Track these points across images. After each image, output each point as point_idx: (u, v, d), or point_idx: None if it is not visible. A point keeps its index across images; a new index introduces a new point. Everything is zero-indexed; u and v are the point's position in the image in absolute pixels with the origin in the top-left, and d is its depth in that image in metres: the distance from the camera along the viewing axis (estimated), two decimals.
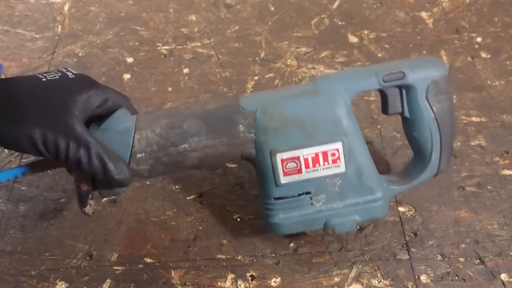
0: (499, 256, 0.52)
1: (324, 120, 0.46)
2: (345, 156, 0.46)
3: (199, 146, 0.46)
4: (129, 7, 0.80)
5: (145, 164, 0.46)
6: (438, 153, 0.49)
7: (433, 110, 0.48)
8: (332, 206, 0.48)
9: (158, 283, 0.51)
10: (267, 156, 0.46)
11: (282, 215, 0.48)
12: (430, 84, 0.48)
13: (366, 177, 0.47)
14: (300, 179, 0.46)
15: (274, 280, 0.51)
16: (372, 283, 0.51)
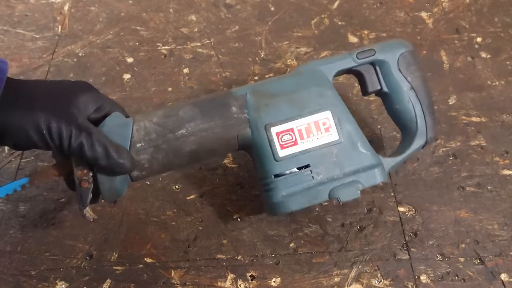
0: (499, 256, 0.52)
1: (310, 93, 0.49)
2: (336, 123, 0.49)
3: (196, 130, 0.48)
4: (129, 7, 0.80)
5: (145, 153, 0.47)
6: (423, 120, 0.52)
7: (408, 80, 0.52)
8: (332, 176, 0.48)
9: (158, 283, 0.51)
10: (262, 131, 0.48)
11: (284, 192, 0.48)
12: (400, 58, 0.52)
13: (360, 144, 0.49)
14: (297, 151, 0.48)
15: (274, 280, 0.51)
16: (372, 283, 0.51)
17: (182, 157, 0.48)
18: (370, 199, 0.57)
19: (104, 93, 0.67)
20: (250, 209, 0.56)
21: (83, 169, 0.46)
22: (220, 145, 0.49)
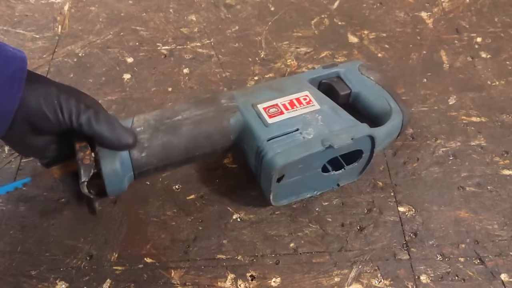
0: (499, 256, 0.52)
1: (289, 82, 0.58)
2: (315, 98, 0.55)
3: (191, 115, 0.53)
4: (129, 7, 0.80)
5: (145, 134, 0.50)
6: (394, 103, 0.58)
7: (371, 78, 0.61)
8: (322, 135, 0.51)
9: (158, 283, 0.51)
10: (251, 109, 0.53)
11: (280, 149, 0.50)
12: (359, 66, 0.62)
13: (340, 112, 0.54)
14: (284, 118, 0.52)
15: (274, 280, 0.51)
16: (372, 283, 0.51)
17: (180, 137, 0.51)
18: (370, 199, 0.57)
19: (104, 93, 0.68)
20: (250, 209, 0.56)
21: (86, 150, 0.47)
22: (214, 128, 0.52)
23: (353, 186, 0.58)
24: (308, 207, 0.56)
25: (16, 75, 0.43)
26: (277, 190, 0.52)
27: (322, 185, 0.56)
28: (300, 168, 0.51)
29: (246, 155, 0.54)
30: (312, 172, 0.53)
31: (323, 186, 0.56)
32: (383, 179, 0.59)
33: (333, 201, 0.57)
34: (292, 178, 0.52)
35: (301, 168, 0.51)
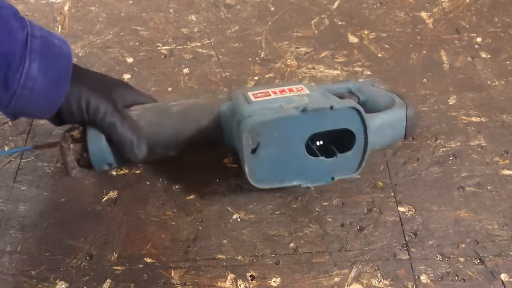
0: (499, 256, 0.52)
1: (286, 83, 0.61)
2: (309, 89, 0.53)
3: (183, 102, 0.55)
4: (129, 7, 0.80)
5: (136, 111, 0.53)
6: (399, 98, 0.58)
7: (381, 87, 0.61)
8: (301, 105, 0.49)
9: (158, 283, 0.51)
10: (241, 96, 0.53)
11: (259, 117, 0.48)
12: (372, 82, 0.62)
13: (333, 97, 0.53)
14: (269, 98, 0.52)
15: (274, 280, 0.51)
16: (372, 283, 0.51)
17: (170, 118, 0.53)
18: (370, 199, 0.57)
19: None
20: (250, 209, 0.56)
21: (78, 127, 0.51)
22: (204, 113, 0.53)
23: (353, 186, 0.58)
24: (308, 207, 0.56)
25: (63, 75, 0.46)
26: (254, 164, 0.49)
27: (313, 175, 0.52)
28: (276, 138, 0.49)
29: (234, 144, 0.53)
30: (293, 148, 0.50)
31: (315, 176, 0.52)
32: (383, 179, 0.59)
33: (333, 201, 0.57)
34: (269, 149, 0.49)
35: (278, 139, 0.49)
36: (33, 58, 0.42)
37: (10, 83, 0.42)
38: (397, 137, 0.57)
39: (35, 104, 0.45)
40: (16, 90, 0.42)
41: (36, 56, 0.43)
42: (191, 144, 0.54)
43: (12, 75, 0.42)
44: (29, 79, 0.43)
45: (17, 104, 0.44)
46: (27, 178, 0.59)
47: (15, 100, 0.43)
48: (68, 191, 0.58)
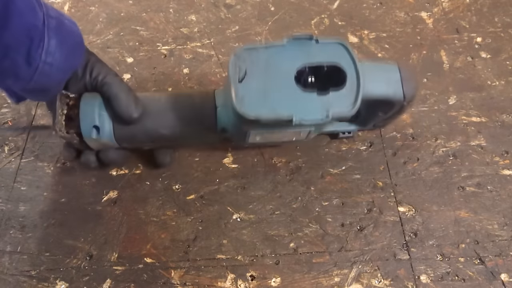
0: (499, 256, 0.52)
1: None
2: None
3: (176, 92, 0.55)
4: (129, 7, 0.80)
5: None
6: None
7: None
8: None
9: (158, 283, 0.51)
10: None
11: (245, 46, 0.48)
12: None
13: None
14: None
15: (274, 280, 0.51)
16: (372, 283, 0.51)
17: (160, 101, 0.53)
18: (370, 199, 0.57)
19: None
20: (250, 209, 0.56)
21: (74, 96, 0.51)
22: (198, 93, 0.53)
23: (353, 186, 0.58)
24: (308, 207, 0.57)
25: (76, 50, 0.49)
26: (242, 92, 0.47)
27: (306, 109, 0.47)
28: (263, 68, 0.47)
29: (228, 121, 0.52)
30: (282, 80, 0.47)
31: (308, 111, 0.47)
32: (383, 179, 0.59)
33: (333, 201, 0.57)
34: (256, 79, 0.47)
35: (265, 69, 0.47)
36: (51, 35, 0.45)
37: (32, 59, 0.44)
38: (394, 92, 0.52)
39: (54, 78, 0.48)
40: (38, 65, 0.45)
41: (53, 33, 0.45)
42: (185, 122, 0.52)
43: (35, 50, 0.44)
44: (49, 55, 0.45)
45: (38, 80, 0.46)
46: (27, 178, 0.59)
47: (37, 76, 0.46)
48: (68, 191, 0.58)
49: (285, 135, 0.53)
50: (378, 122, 0.59)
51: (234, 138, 0.55)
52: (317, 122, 0.47)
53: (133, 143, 0.53)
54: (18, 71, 0.45)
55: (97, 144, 0.52)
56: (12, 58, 0.43)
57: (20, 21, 0.42)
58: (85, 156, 0.53)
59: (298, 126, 0.49)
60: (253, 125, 0.49)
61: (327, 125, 0.54)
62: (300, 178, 0.59)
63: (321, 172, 0.59)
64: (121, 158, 0.55)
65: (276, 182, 0.59)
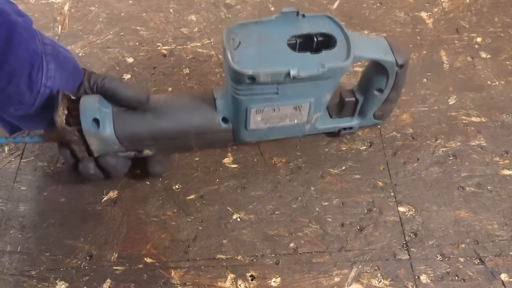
0: (499, 256, 0.52)
1: None
2: None
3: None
4: (129, 7, 0.80)
5: None
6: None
7: None
8: None
9: (158, 283, 0.51)
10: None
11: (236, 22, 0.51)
12: None
13: None
14: None
15: (274, 280, 0.51)
16: (372, 283, 0.51)
17: (159, 98, 0.53)
18: (370, 199, 0.57)
19: None
20: (250, 209, 0.56)
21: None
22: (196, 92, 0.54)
23: (353, 186, 0.58)
24: (308, 207, 0.57)
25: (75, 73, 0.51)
26: (238, 57, 0.48)
27: (302, 65, 0.48)
28: (256, 39, 0.49)
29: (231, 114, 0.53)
30: (276, 46, 0.49)
31: (303, 65, 0.48)
32: (383, 179, 0.59)
33: (333, 201, 0.57)
34: (251, 47, 0.49)
35: (258, 40, 0.49)
36: (49, 60, 0.48)
37: (34, 84, 0.47)
38: (385, 55, 0.53)
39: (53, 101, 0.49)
40: (40, 89, 0.47)
41: (50, 58, 0.48)
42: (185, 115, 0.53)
43: (35, 74, 0.46)
44: (49, 79, 0.48)
45: (40, 104, 0.49)
46: (27, 178, 0.59)
47: (39, 100, 0.48)
48: (68, 191, 0.58)
49: (287, 115, 0.53)
50: (377, 111, 0.59)
51: (235, 127, 0.54)
52: (314, 74, 0.48)
53: (134, 141, 0.52)
54: (21, 97, 0.47)
55: (97, 142, 0.51)
56: (15, 84, 0.45)
57: (23, 48, 0.45)
58: (83, 163, 0.52)
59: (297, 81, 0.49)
60: (252, 89, 0.49)
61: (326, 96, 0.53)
62: (300, 178, 0.59)
63: (321, 172, 0.59)
64: (121, 165, 0.54)
65: (276, 182, 0.59)
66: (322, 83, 0.50)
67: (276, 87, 0.49)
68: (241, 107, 0.51)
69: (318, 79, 0.49)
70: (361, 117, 0.60)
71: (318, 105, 0.54)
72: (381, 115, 0.60)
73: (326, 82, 0.50)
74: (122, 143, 0.52)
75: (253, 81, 0.47)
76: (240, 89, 0.49)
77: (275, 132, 0.56)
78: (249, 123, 0.53)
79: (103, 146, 0.52)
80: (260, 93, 0.50)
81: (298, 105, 0.52)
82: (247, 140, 0.57)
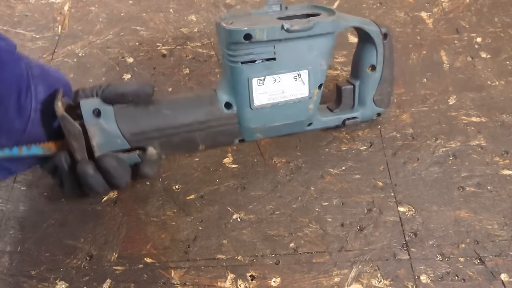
0: (499, 256, 0.52)
1: None
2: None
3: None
4: (129, 7, 0.80)
5: None
6: None
7: None
8: None
9: (158, 283, 0.51)
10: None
11: None
12: None
13: None
14: None
15: (274, 280, 0.51)
16: (372, 283, 0.51)
17: (163, 99, 0.53)
18: (370, 199, 0.57)
19: None
20: (250, 209, 0.56)
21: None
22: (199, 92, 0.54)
23: (353, 186, 0.58)
24: (308, 207, 0.57)
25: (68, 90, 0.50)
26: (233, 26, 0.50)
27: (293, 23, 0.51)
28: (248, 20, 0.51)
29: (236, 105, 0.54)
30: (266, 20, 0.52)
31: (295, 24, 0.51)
32: (383, 179, 0.59)
33: (333, 201, 0.57)
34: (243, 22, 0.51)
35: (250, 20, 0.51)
36: (37, 82, 0.46)
37: (23, 108, 0.45)
38: (369, 24, 0.57)
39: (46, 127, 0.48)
40: (30, 114, 0.45)
41: (38, 80, 0.46)
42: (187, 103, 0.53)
43: (24, 99, 0.45)
44: (38, 102, 0.46)
45: (31, 131, 0.47)
46: (27, 178, 0.59)
47: (30, 126, 0.46)
48: None
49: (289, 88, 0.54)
50: (375, 95, 0.60)
51: (239, 110, 0.53)
52: (305, 26, 0.50)
53: (137, 133, 0.51)
54: (11, 124, 0.45)
55: (99, 133, 0.49)
56: (3, 110, 0.43)
57: (8, 72, 0.43)
58: (81, 164, 0.49)
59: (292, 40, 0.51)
60: (249, 52, 0.50)
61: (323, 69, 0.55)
62: (300, 178, 0.59)
63: (321, 172, 0.59)
64: (122, 168, 0.51)
65: (276, 182, 0.59)
66: (316, 44, 0.52)
67: (273, 50, 0.51)
68: (242, 78, 0.52)
69: (312, 38, 0.52)
70: (362, 105, 0.61)
71: (316, 76, 0.54)
72: (381, 100, 0.61)
73: (319, 43, 0.52)
74: (124, 135, 0.50)
75: (249, 39, 0.49)
76: (237, 53, 0.50)
77: (279, 115, 0.55)
78: (252, 99, 0.53)
79: (105, 139, 0.50)
80: (258, 58, 0.51)
81: (298, 73, 0.53)
82: (253, 128, 0.55)
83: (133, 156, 0.52)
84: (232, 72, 0.51)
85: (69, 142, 0.48)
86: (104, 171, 0.50)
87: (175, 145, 0.53)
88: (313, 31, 0.51)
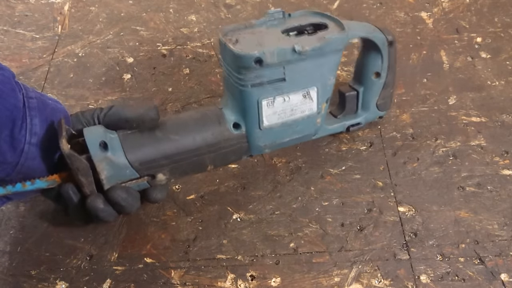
0: (499, 256, 0.52)
1: None
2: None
3: None
4: (129, 7, 0.80)
5: None
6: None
7: None
8: None
9: (158, 283, 0.51)
10: None
11: None
12: None
13: None
14: None
15: (274, 280, 0.51)
16: (372, 283, 0.51)
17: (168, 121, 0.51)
18: (370, 199, 0.57)
19: (104, 93, 0.68)
20: (250, 209, 0.56)
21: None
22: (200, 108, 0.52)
23: (353, 186, 0.58)
24: (308, 207, 0.57)
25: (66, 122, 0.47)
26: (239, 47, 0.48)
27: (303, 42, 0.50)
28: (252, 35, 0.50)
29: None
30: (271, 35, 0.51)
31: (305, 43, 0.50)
32: (383, 179, 0.59)
33: (333, 201, 0.57)
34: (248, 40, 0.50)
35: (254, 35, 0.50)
36: (33, 115, 0.44)
37: (17, 141, 0.43)
38: (374, 32, 0.56)
39: (41, 161, 0.46)
40: (24, 147, 0.43)
41: (35, 113, 0.44)
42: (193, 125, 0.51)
43: (18, 131, 0.43)
44: (33, 135, 0.44)
45: (25, 164, 0.44)
46: None
47: (23, 159, 0.44)
48: None
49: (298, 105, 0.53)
50: (378, 99, 0.60)
51: (248, 130, 0.52)
52: (317, 46, 0.49)
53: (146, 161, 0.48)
54: (3, 157, 0.42)
55: (108, 167, 0.46)
56: None
57: (2, 103, 0.41)
58: (91, 198, 0.47)
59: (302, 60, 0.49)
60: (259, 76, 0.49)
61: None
62: (300, 178, 0.59)
63: (321, 172, 0.59)
64: (132, 197, 0.49)
65: (276, 182, 0.59)
66: (326, 61, 0.51)
67: (283, 71, 0.49)
68: (251, 100, 0.50)
69: (322, 55, 0.50)
70: (365, 110, 0.61)
71: (325, 91, 0.53)
72: (384, 104, 0.61)
73: (329, 60, 0.51)
74: (133, 165, 0.48)
75: (259, 64, 0.47)
76: (247, 77, 0.48)
77: (288, 132, 0.54)
78: (262, 120, 0.51)
79: (114, 172, 0.47)
80: (267, 81, 0.49)
81: (307, 91, 0.52)
82: (262, 145, 0.54)
83: (142, 183, 0.50)
84: (241, 94, 0.50)
85: (77, 178, 0.46)
86: (114, 203, 0.48)
87: (185, 169, 0.51)
88: (323, 49, 0.50)
